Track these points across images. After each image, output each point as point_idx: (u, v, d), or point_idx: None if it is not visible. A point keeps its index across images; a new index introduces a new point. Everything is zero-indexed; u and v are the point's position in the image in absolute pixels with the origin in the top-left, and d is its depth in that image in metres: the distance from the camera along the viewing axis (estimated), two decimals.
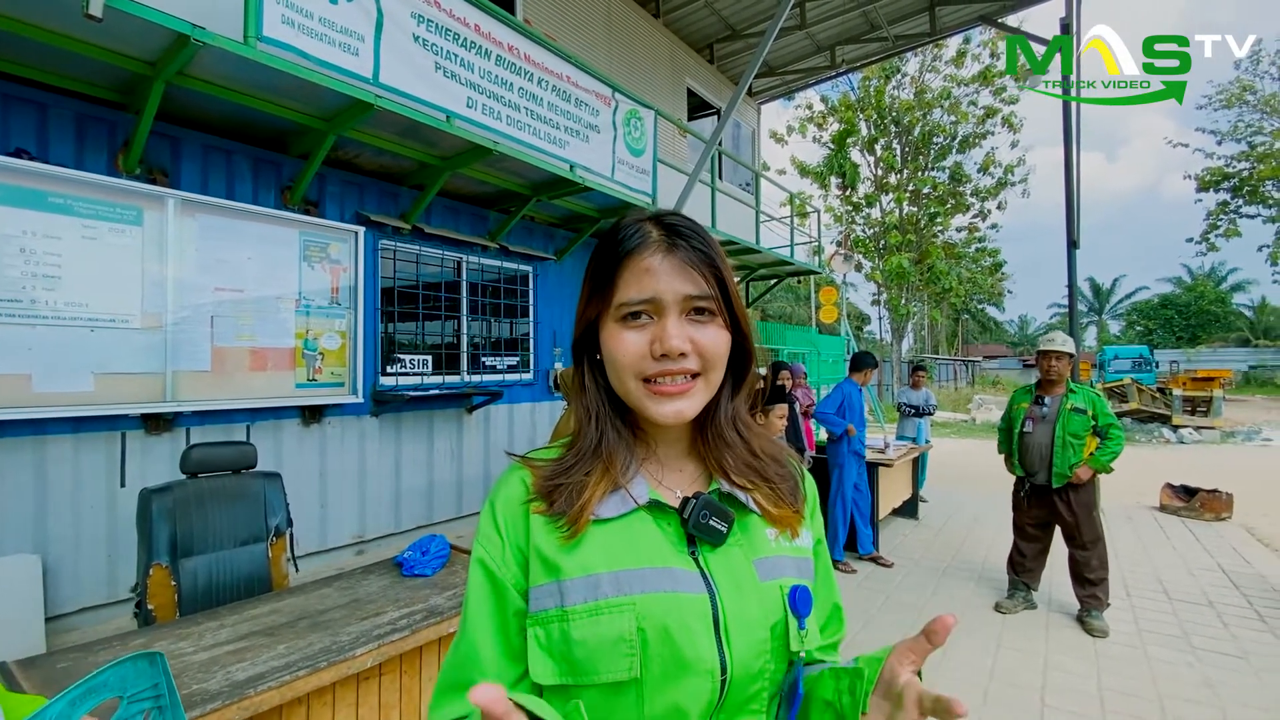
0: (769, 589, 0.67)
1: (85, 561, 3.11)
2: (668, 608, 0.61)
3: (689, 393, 0.66)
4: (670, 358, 0.64)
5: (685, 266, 0.65)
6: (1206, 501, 6.39)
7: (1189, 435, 13.87)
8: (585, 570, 0.62)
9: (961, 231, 25.37)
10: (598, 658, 0.60)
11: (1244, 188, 23.95)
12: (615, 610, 0.61)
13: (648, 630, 0.60)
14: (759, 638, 0.64)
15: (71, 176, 2.95)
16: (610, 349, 0.67)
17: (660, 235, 0.67)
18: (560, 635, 0.61)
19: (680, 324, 0.65)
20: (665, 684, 0.60)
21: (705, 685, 0.61)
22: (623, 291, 0.65)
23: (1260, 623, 3.82)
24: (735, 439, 0.73)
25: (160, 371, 3.25)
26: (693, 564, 0.65)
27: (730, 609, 0.64)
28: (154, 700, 1.15)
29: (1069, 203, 7.08)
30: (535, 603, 0.64)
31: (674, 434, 0.73)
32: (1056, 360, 3.78)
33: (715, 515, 0.67)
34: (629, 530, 0.65)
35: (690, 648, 0.61)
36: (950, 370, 31.57)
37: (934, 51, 21.84)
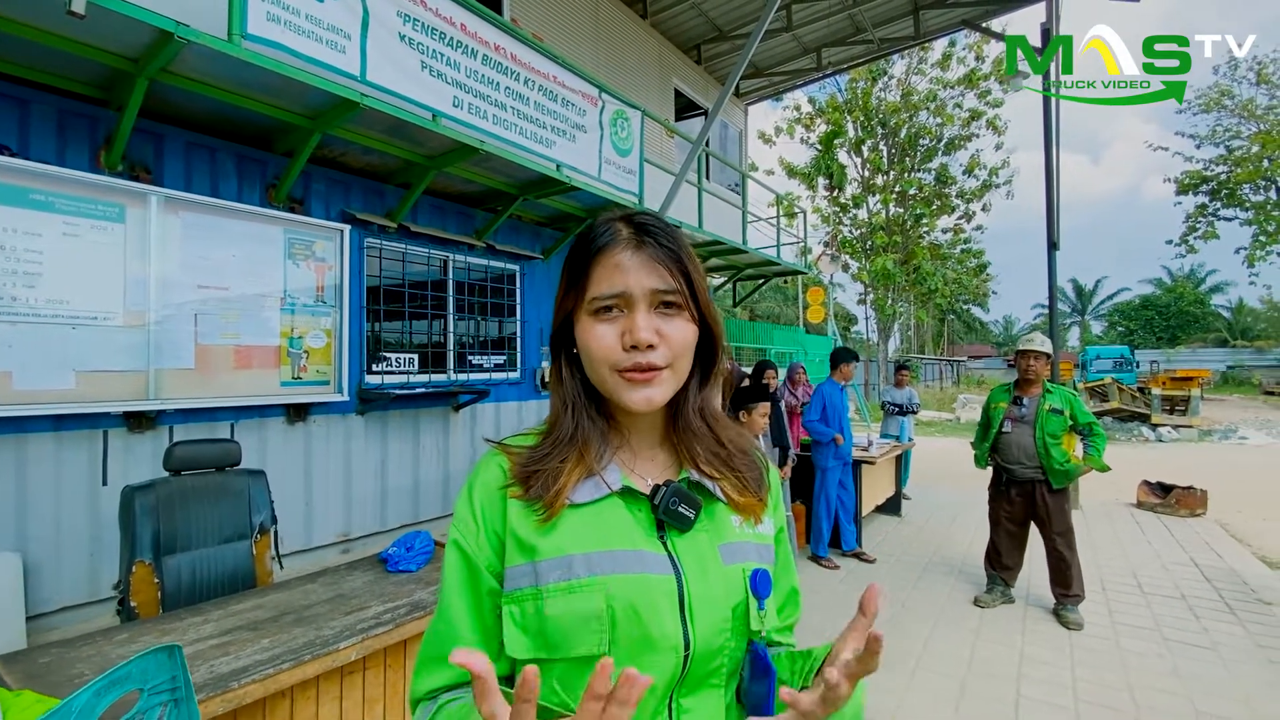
0: (732, 572, 0.71)
1: (66, 560, 3.09)
2: (636, 587, 0.65)
3: (657, 380, 0.69)
4: (640, 349, 0.67)
5: (652, 263, 0.69)
6: (1182, 498, 6.53)
7: (1167, 434, 14.12)
8: (559, 551, 0.66)
9: (947, 233, 25.63)
10: (570, 633, 0.63)
11: (1222, 191, 24.40)
12: (587, 589, 0.64)
13: (616, 608, 0.64)
14: (721, 616, 0.68)
15: (53, 173, 2.93)
16: (585, 341, 0.70)
17: (630, 233, 0.70)
18: (535, 612, 0.65)
19: (649, 317, 0.68)
20: (632, 658, 0.64)
21: (670, 660, 0.65)
22: (595, 286, 0.69)
23: (1230, 615, 3.91)
24: (703, 428, 0.77)
25: (143, 369, 3.24)
26: (661, 548, 0.69)
27: (695, 590, 0.67)
28: (171, 693, 1.22)
29: (1049, 204, 7.21)
30: (510, 582, 0.67)
31: (646, 423, 0.76)
32: (1035, 360, 3.86)
33: (684, 502, 0.70)
34: (602, 515, 0.69)
35: (656, 625, 0.65)
36: (935, 370, 31.87)
37: (920, 54, 22.05)
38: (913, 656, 3.32)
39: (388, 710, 1.97)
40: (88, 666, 1.57)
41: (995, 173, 23.14)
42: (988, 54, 20.89)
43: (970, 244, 27.50)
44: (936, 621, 3.79)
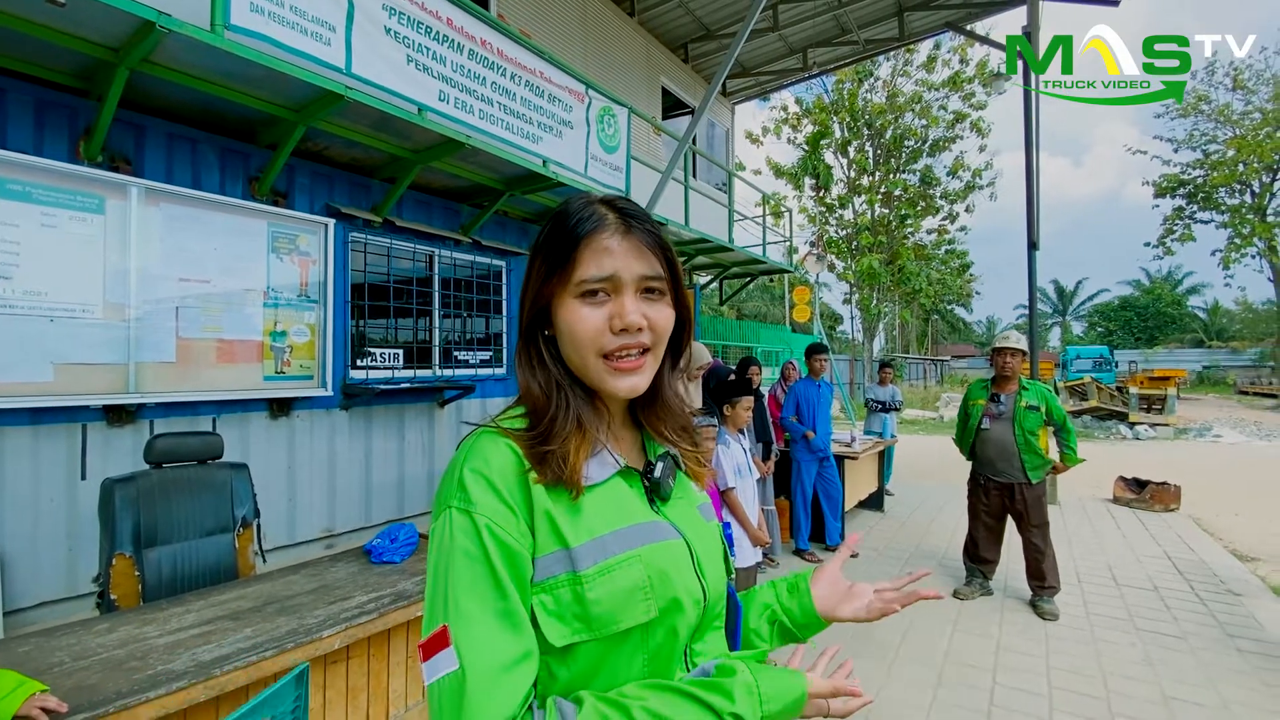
0: (712, 528, 0.81)
1: (44, 555, 3.05)
2: (663, 554, 0.70)
3: (642, 368, 0.72)
4: (629, 332, 0.69)
5: (641, 248, 0.71)
6: (1156, 493, 6.67)
7: (1144, 432, 14.39)
8: (591, 534, 0.67)
9: (931, 234, 25.91)
10: (616, 610, 0.65)
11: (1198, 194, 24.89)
12: (625, 565, 0.67)
13: (653, 576, 0.68)
14: (718, 567, 0.78)
15: (31, 163, 2.89)
16: (570, 324, 0.70)
17: (616, 218, 0.71)
18: (573, 598, 0.64)
19: (636, 301, 0.70)
20: (669, 619, 0.69)
21: (695, 613, 0.72)
22: (582, 269, 0.69)
23: (1201, 606, 4.02)
24: (674, 408, 0.82)
25: (123, 362, 3.21)
26: (662, 517, 0.75)
27: (699, 548, 0.75)
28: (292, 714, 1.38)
29: (1030, 204, 7.33)
30: (542, 571, 0.65)
31: (618, 404, 0.79)
32: (1011, 357, 3.94)
33: (670, 475, 0.78)
34: (612, 493, 0.72)
35: (683, 585, 0.71)
36: (920, 369, 32.19)
37: (905, 56, 22.26)
38: (891, 648, 3.38)
39: (371, 699, 1.98)
40: (67, 654, 1.57)
41: (979, 174, 23.43)
42: (972, 56, 21.14)
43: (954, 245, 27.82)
44: (916, 613, 3.85)
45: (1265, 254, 24.23)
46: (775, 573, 4.61)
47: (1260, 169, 23.27)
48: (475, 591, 0.61)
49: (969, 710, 2.77)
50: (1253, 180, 24.01)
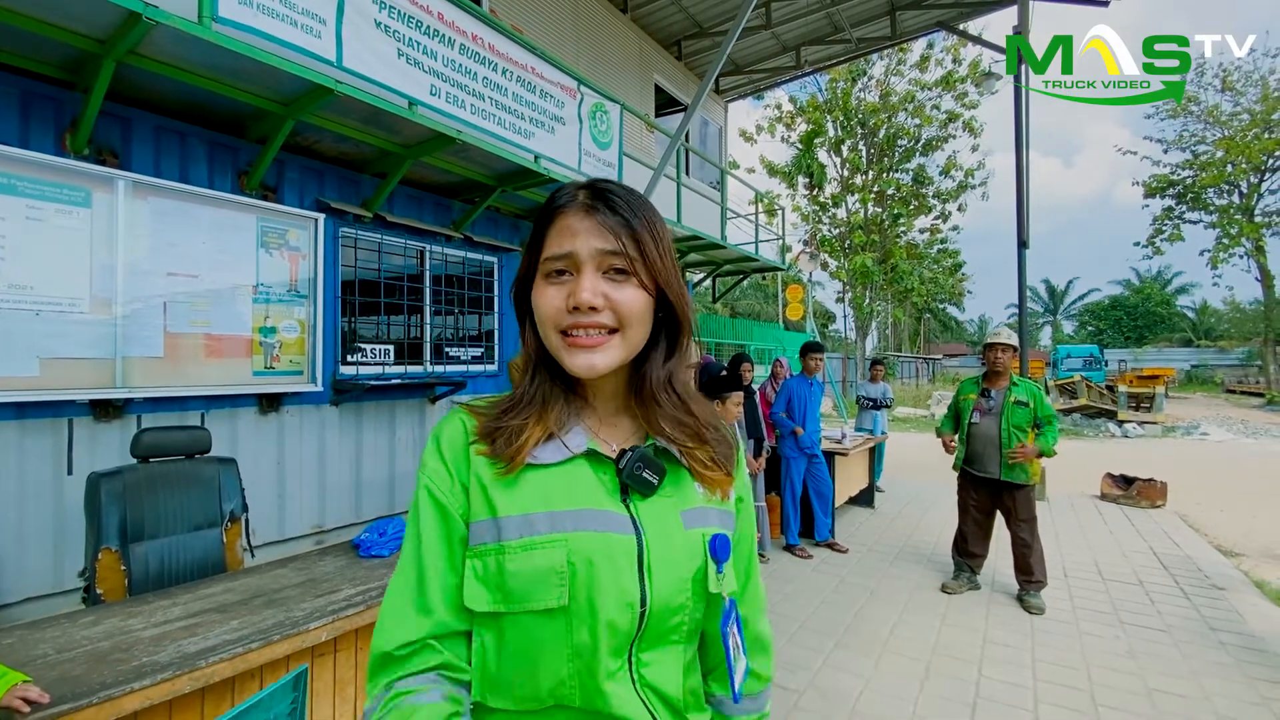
0: (692, 536, 0.73)
1: (30, 551, 3.03)
2: (596, 545, 0.68)
3: (602, 347, 0.69)
4: (581, 310, 0.68)
5: (600, 227, 0.69)
6: (1143, 490, 6.74)
7: (1133, 430, 14.52)
8: (522, 510, 0.68)
9: (924, 233, 26.04)
10: (530, 587, 0.66)
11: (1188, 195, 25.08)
12: (548, 545, 0.67)
13: (576, 564, 0.66)
14: (680, 577, 0.71)
15: (15, 155, 2.86)
16: (535, 303, 0.72)
17: (585, 197, 0.72)
18: (496, 567, 0.67)
19: (595, 280, 0.68)
20: (590, 611, 0.66)
21: (626, 615, 0.68)
22: (547, 248, 0.71)
23: (1185, 600, 4.06)
24: (666, 400, 0.77)
25: (110, 357, 3.18)
26: (624, 510, 0.71)
27: (655, 550, 0.70)
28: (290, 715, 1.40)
29: (1019, 202, 7.38)
30: (474, 537, 0.70)
31: (609, 390, 0.77)
32: (1002, 352, 3.97)
33: (648, 468, 0.73)
34: (567, 476, 0.71)
35: (613, 581, 0.67)
36: (912, 368, 32.34)
37: (898, 56, 22.34)
38: (879, 641, 3.40)
39: (359, 691, 1.98)
40: (50, 647, 1.57)
41: (971, 174, 23.57)
42: (964, 56, 21.24)
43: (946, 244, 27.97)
44: (905, 608, 3.88)
45: (1253, 254, 24.47)
46: (766, 567, 4.63)
47: (1248, 169, 23.48)
48: (415, 539, 0.72)
49: (955, 702, 2.80)
50: (1241, 181, 24.23)
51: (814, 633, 3.50)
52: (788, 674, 3.04)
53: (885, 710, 2.74)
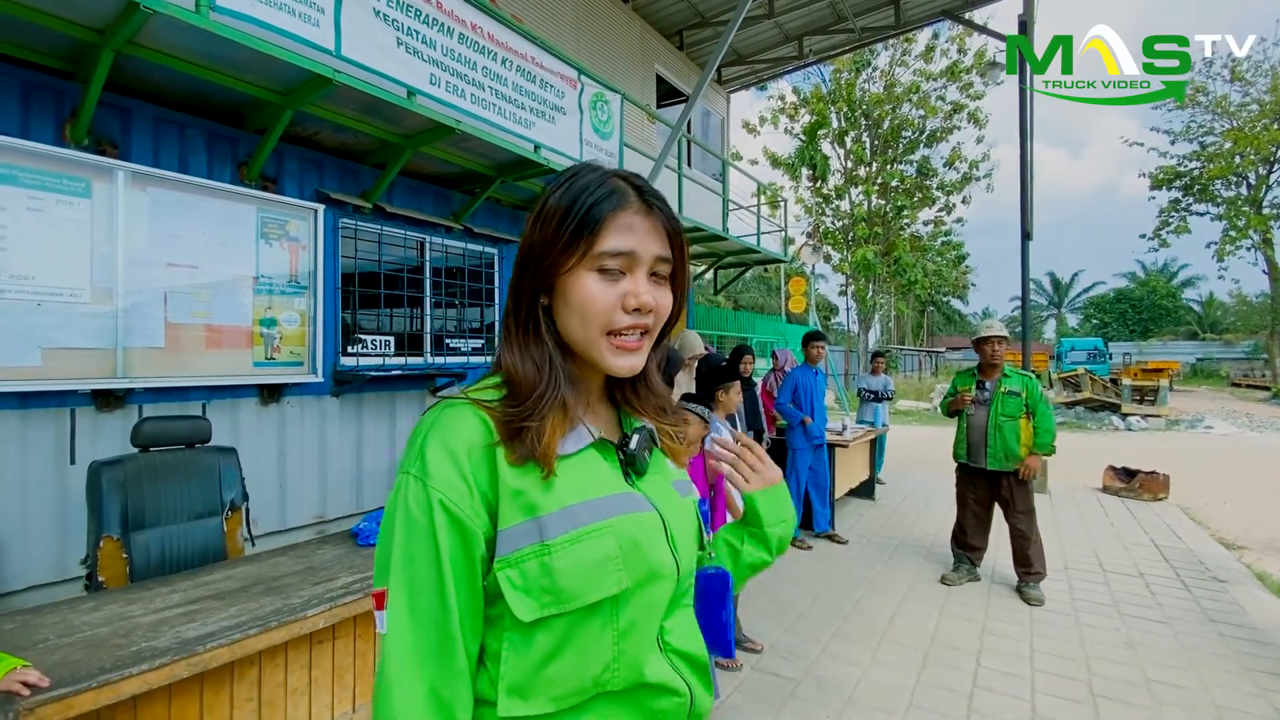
0: (687, 503, 0.81)
1: (34, 539, 3.05)
2: (636, 526, 0.70)
3: (641, 349, 0.72)
4: (642, 312, 0.69)
5: (660, 230, 0.72)
6: (1145, 483, 6.72)
7: (1136, 423, 14.47)
8: (560, 504, 0.66)
9: (928, 225, 25.90)
10: (585, 580, 0.64)
11: (1194, 186, 24.88)
12: (596, 534, 0.66)
13: (624, 548, 0.67)
14: (691, 541, 0.79)
15: (15, 146, 2.86)
16: (581, 298, 0.68)
17: (637, 196, 0.71)
18: (539, 569, 0.64)
19: (647, 282, 0.71)
20: (640, 591, 0.69)
21: (668, 586, 0.72)
22: (604, 242, 0.68)
23: (1185, 591, 4.06)
24: (646, 386, 0.83)
25: (111, 348, 3.19)
26: (636, 489, 0.74)
27: (673, 522, 0.75)
28: None
29: (1024, 193, 7.33)
30: (507, 544, 0.64)
31: (596, 380, 0.79)
32: (997, 345, 3.97)
33: (646, 449, 0.77)
34: (585, 464, 0.71)
35: (656, 557, 0.71)
36: (915, 361, 32.28)
37: (903, 46, 22.15)
38: (877, 632, 3.41)
39: (358, 677, 2.00)
40: (51, 632, 1.58)
41: (975, 166, 23.41)
42: (970, 46, 21.05)
43: (950, 236, 27.84)
44: (903, 599, 3.89)
45: (1260, 247, 24.29)
46: None
47: (1257, 161, 23.28)
48: (414, 564, 0.62)
49: (951, 691, 2.81)
50: (1249, 172, 24.03)
51: (812, 623, 3.51)
52: (785, 663, 3.05)
53: (881, 699, 2.75)
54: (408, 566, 0.62)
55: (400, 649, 0.61)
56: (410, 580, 0.62)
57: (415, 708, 0.60)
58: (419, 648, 0.61)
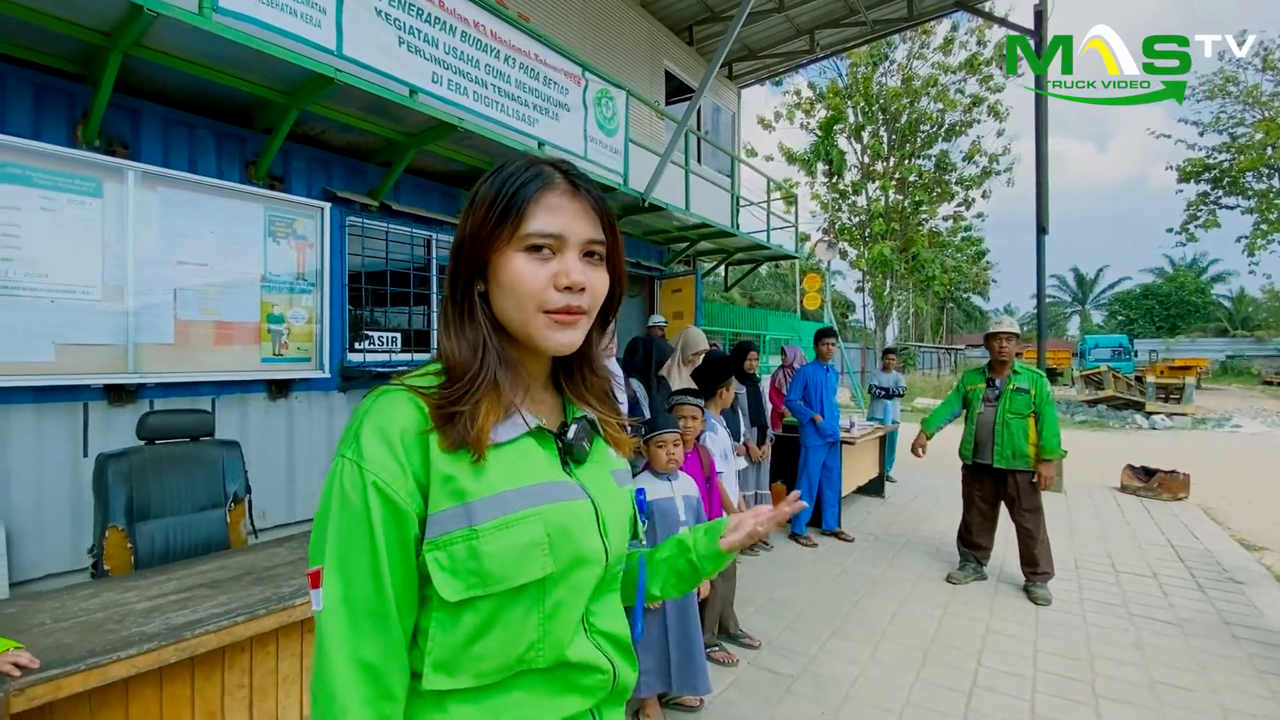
0: (623, 492, 0.83)
1: (49, 529, 3.15)
2: (566, 513, 0.71)
3: (578, 325, 0.73)
4: (573, 290, 0.70)
5: (589, 211, 0.73)
6: (1164, 482, 6.58)
7: (1161, 422, 14.14)
8: (492, 490, 0.67)
9: (947, 220, 25.53)
10: (510, 564, 0.66)
11: (1224, 179, 24.20)
12: (525, 521, 0.68)
13: (553, 533, 0.69)
14: (623, 529, 0.80)
15: (29, 147, 2.94)
16: (513, 278, 0.70)
17: (564, 179, 0.73)
18: (467, 553, 0.65)
19: (579, 262, 0.72)
20: (567, 576, 0.71)
21: (596, 571, 0.74)
22: (529, 224, 0.69)
23: (1199, 593, 3.97)
24: (591, 374, 0.84)
25: (122, 344, 3.28)
26: (572, 478, 0.76)
27: (605, 510, 0.77)
28: None
29: (1039, 188, 7.21)
30: (436, 527, 0.66)
31: (539, 367, 0.80)
32: (1006, 342, 3.91)
33: (585, 438, 0.79)
34: (520, 452, 0.72)
35: (586, 543, 0.72)
36: (934, 358, 31.88)
37: (921, 38, 21.85)
38: (878, 630, 3.38)
39: None
40: (48, 616, 1.63)
41: (995, 160, 23.01)
42: (990, 38, 20.69)
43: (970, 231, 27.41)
44: (907, 597, 3.85)
45: None
46: (770, 556, 4.63)
47: None
48: (349, 545, 0.64)
49: (950, 690, 2.78)
50: None
51: (812, 620, 3.49)
52: (782, 659, 3.04)
53: (879, 696, 2.73)
54: (343, 547, 0.64)
55: (336, 626, 0.63)
56: (345, 560, 0.64)
57: (352, 684, 0.62)
58: (355, 625, 0.63)
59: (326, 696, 0.62)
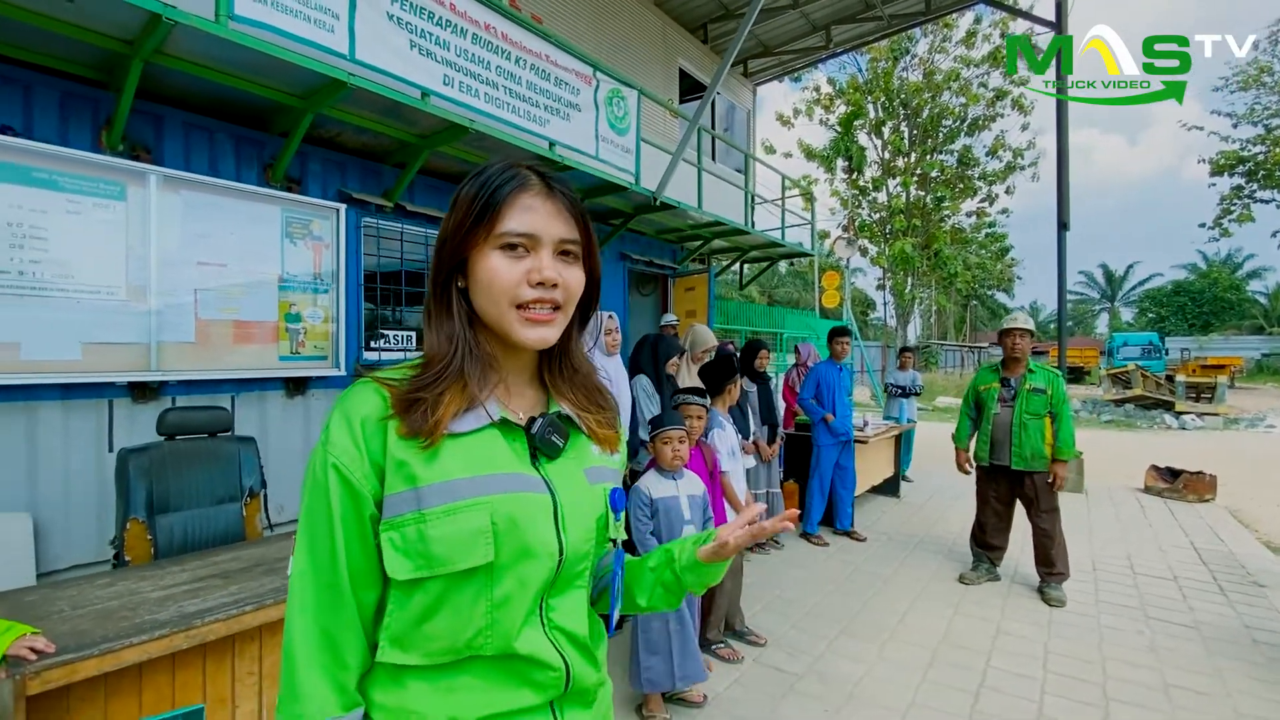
0: (595, 490, 0.82)
1: (75, 522, 3.26)
2: (516, 504, 0.73)
3: (552, 322, 0.76)
4: (545, 286, 0.73)
5: (562, 211, 0.77)
6: (1190, 483, 6.43)
7: (1191, 422, 13.79)
8: (444, 477, 0.71)
9: (970, 216, 25.13)
10: (454, 549, 0.69)
11: (1259, 172, 23.47)
12: (471, 508, 0.70)
13: (499, 523, 0.71)
14: (587, 527, 0.79)
15: (55, 153, 3.05)
16: (487, 273, 0.73)
17: (539, 181, 0.77)
18: (416, 535, 0.69)
19: (552, 259, 0.75)
20: (514, 565, 0.72)
21: (547, 565, 0.75)
22: (504, 223, 0.73)
23: (1221, 596, 3.89)
24: (578, 369, 0.86)
25: (145, 342, 3.38)
26: (535, 472, 0.77)
27: (566, 505, 0.77)
28: None
29: (1060, 184, 7.09)
30: (390, 509, 0.71)
31: (521, 363, 0.83)
32: (1020, 338, 3.86)
33: (555, 433, 0.79)
34: (482, 443, 0.75)
35: (534, 535, 0.73)
36: (956, 356, 31.40)
37: (943, 32, 21.53)
38: (887, 629, 3.37)
39: None
40: (67, 604, 1.70)
41: (1020, 154, 22.62)
42: (1013, 30, 20.29)
43: (994, 227, 26.95)
44: (917, 597, 3.82)
45: None
46: (781, 554, 4.62)
47: None
48: (314, 519, 0.72)
49: (957, 690, 2.76)
50: None
51: (819, 619, 3.48)
52: (788, 657, 3.04)
53: (884, 695, 2.72)
54: (309, 521, 0.72)
55: (299, 590, 0.71)
56: (311, 533, 0.71)
57: (309, 643, 0.70)
58: (315, 592, 0.70)
59: (287, 655, 0.70)
